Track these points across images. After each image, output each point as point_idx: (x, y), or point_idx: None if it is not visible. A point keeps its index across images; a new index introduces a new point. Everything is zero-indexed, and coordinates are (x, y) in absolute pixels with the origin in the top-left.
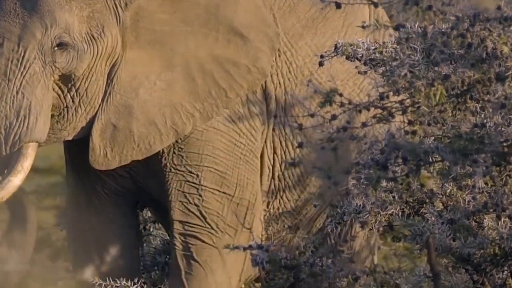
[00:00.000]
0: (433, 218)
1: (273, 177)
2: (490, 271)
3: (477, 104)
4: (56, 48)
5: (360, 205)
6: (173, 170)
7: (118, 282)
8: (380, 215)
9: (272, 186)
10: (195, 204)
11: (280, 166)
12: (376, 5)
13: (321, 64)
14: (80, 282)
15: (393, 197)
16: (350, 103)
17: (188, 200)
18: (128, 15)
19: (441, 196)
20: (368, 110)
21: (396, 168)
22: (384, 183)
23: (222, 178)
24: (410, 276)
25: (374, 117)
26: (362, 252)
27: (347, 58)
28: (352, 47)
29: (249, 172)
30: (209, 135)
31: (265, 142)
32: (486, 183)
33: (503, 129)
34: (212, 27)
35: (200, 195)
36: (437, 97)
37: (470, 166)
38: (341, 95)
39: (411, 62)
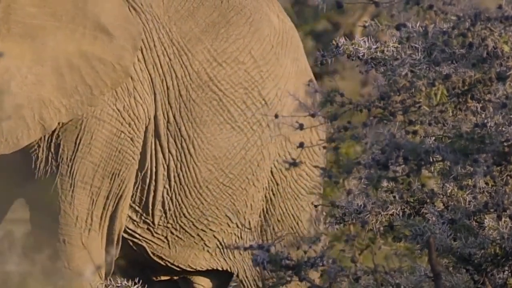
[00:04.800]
0: (433, 218)
1: (168, 177)
2: (491, 271)
3: (478, 104)
4: None
5: (361, 205)
6: (49, 159)
7: (119, 282)
8: (381, 215)
9: (167, 186)
10: (68, 202)
11: (175, 167)
12: (377, 5)
13: (322, 63)
14: (80, 282)
15: (394, 197)
16: (350, 102)
17: (61, 198)
18: (0, 7)
19: (442, 196)
20: (369, 110)
21: (397, 168)
22: (385, 183)
23: (94, 171)
24: (410, 276)
25: (374, 117)
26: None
27: (348, 57)
28: (353, 46)
29: (121, 163)
30: (89, 124)
31: (161, 141)
32: (486, 183)
33: (504, 129)
34: (79, 23)
35: (73, 192)
36: (438, 97)
37: (471, 166)
38: (342, 95)
39: (412, 62)
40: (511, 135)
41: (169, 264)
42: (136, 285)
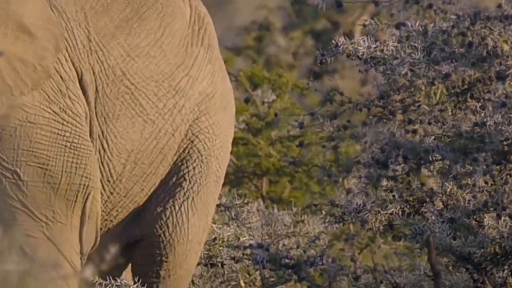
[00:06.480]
0: (433, 217)
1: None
2: (491, 270)
3: (477, 103)
4: None
5: (360, 204)
6: None
7: (118, 281)
8: (381, 214)
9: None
10: (20, 201)
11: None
12: (377, 4)
13: (321, 62)
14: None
15: (394, 196)
16: (350, 101)
17: (12, 197)
18: None
19: (441, 195)
20: (369, 109)
21: (396, 167)
22: (384, 182)
23: (43, 169)
24: (410, 275)
25: (374, 116)
26: None
27: (347, 56)
28: (353, 45)
29: (78, 157)
30: (25, 130)
31: None
32: (486, 182)
33: (503, 128)
34: (1, 22)
35: (23, 191)
36: (438, 96)
37: (470, 165)
38: (341, 94)
39: (412, 61)
40: (511, 134)
41: None
42: (136, 285)
